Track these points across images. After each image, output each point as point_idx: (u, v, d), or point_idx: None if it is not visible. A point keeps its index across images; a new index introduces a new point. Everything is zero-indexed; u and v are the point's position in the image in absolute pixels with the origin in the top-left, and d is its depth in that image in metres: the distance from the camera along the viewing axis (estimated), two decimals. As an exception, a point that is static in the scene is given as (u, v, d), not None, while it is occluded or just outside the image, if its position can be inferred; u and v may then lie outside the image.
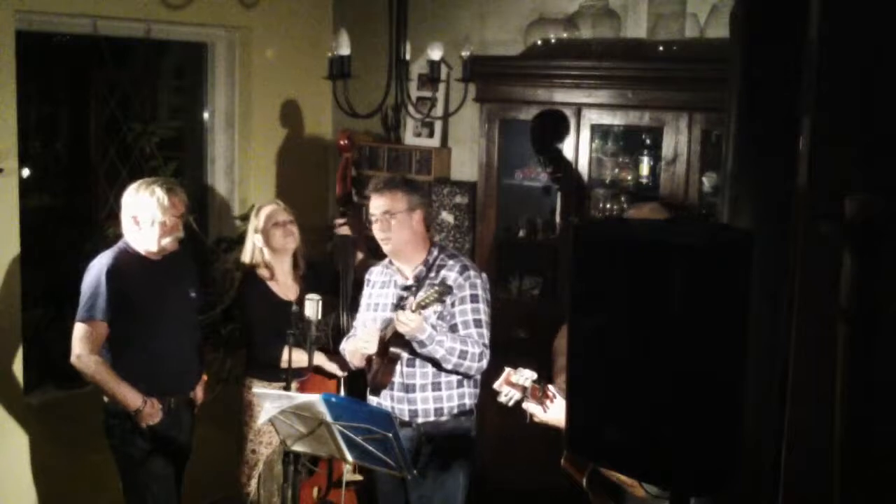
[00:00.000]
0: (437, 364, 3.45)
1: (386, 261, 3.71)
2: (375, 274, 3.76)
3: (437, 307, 3.42)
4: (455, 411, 3.54)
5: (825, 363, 1.79)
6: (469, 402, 3.58)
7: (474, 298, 3.52)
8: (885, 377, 1.72)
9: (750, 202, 2.05)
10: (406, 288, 3.59)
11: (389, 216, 3.53)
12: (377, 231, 3.58)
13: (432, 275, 3.55)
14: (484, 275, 3.65)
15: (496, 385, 3.10)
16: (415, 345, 3.40)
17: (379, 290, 3.70)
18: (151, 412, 3.60)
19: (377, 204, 3.58)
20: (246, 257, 4.05)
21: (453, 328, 3.49)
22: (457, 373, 3.49)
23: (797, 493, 1.94)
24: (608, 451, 1.90)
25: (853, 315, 1.73)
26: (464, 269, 3.55)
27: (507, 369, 3.10)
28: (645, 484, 2.39)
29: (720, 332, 1.71)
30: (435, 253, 3.62)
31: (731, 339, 1.72)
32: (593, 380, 1.88)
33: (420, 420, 3.52)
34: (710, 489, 1.81)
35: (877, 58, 1.82)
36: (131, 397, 3.56)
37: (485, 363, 3.48)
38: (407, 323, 3.33)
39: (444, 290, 3.31)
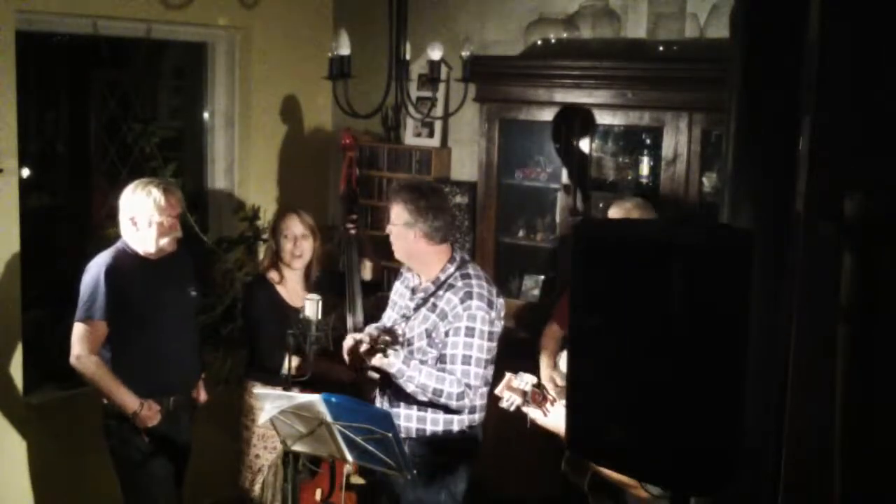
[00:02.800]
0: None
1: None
2: (407, 270, 3.65)
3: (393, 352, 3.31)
4: (440, 434, 3.42)
5: (825, 363, 1.79)
6: (457, 427, 3.42)
7: (469, 332, 3.30)
8: (885, 377, 1.72)
9: (750, 202, 2.05)
10: (412, 299, 3.52)
11: (390, 225, 3.44)
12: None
13: (439, 293, 3.39)
14: (500, 300, 3.44)
15: (497, 391, 3.10)
16: (389, 375, 3.33)
17: (403, 289, 3.61)
18: (149, 414, 3.60)
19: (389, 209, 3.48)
20: (264, 259, 4.06)
21: (442, 358, 3.35)
22: (436, 406, 3.37)
23: (797, 493, 1.94)
24: (608, 452, 1.90)
25: (853, 315, 1.73)
26: (467, 296, 3.31)
27: (508, 374, 3.10)
28: (646, 484, 2.39)
29: (720, 331, 1.71)
30: (450, 270, 3.41)
31: (731, 338, 1.72)
32: (593, 380, 1.88)
33: (403, 436, 3.36)
34: (710, 489, 1.81)
35: (877, 57, 1.82)
36: (128, 400, 3.56)
37: (466, 402, 3.32)
38: (366, 357, 3.30)
39: (390, 344, 3.24)
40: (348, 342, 3.49)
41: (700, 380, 1.73)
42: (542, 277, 4.76)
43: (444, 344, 3.34)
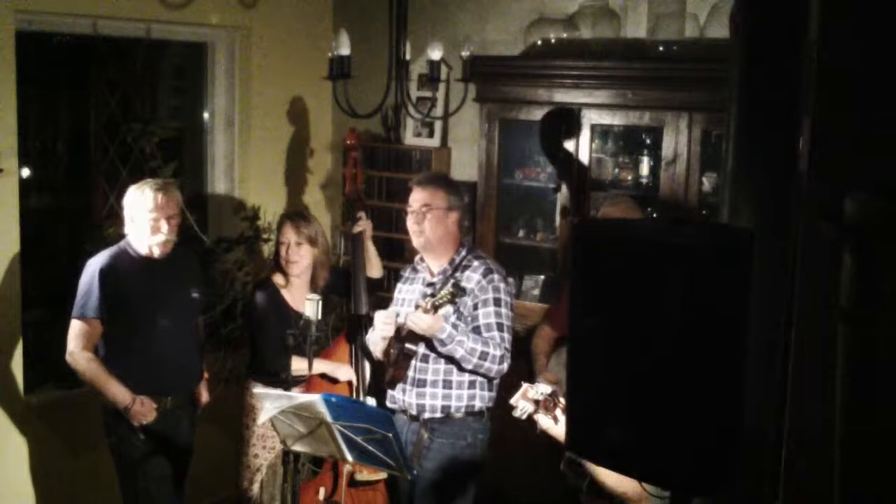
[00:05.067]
0: (457, 363, 3.47)
1: (417, 258, 3.75)
2: (409, 270, 3.82)
3: (451, 307, 3.43)
4: (462, 411, 3.54)
5: (825, 363, 1.79)
6: (479, 403, 3.57)
7: (497, 302, 3.53)
8: (885, 377, 1.72)
9: (750, 202, 2.05)
10: (430, 284, 3.62)
11: (427, 210, 3.56)
12: (411, 223, 3.61)
13: (457, 274, 3.57)
14: (510, 279, 3.68)
15: (512, 400, 3.10)
16: (435, 343, 3.43)
17: (409, 286, 3.75)
18: (142, 410, 3.60)
19: (417, 197, 3.61)
20: (270, 261, 4.07)
21: (476, 331, 3.50)
22: (476, 373, 3.51)
23: (797, 493, 1.94)
24: (608, 452, 1.90)
25: (853, 315, 1.73)
26: (488, 271, 3.56)
27: (525, 385, 3.10)
28: (645, 484, 2.39)
29: (720, 331, 1.71)
30: (463, 253, 3.65)
31: (730, 338, 1.72)
32: (593, 380, 1.88)
33: (427, 415, 3.54)
34: (710, 489, 1.81)
35: (877, 58, 1.81)
36: (121, 394, 3.57)
37: (505, 366, 3.50)
38: (418, 323, 3.37)
39: (457, 292, 3.34)
40: (390, 312, 3.59)
41: (700, 380, 1.73)
42: (542, 277, 4.76)
43: (473, 317, 3.52)
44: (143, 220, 3.62)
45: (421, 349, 3.51)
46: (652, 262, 1.77)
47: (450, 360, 3.48)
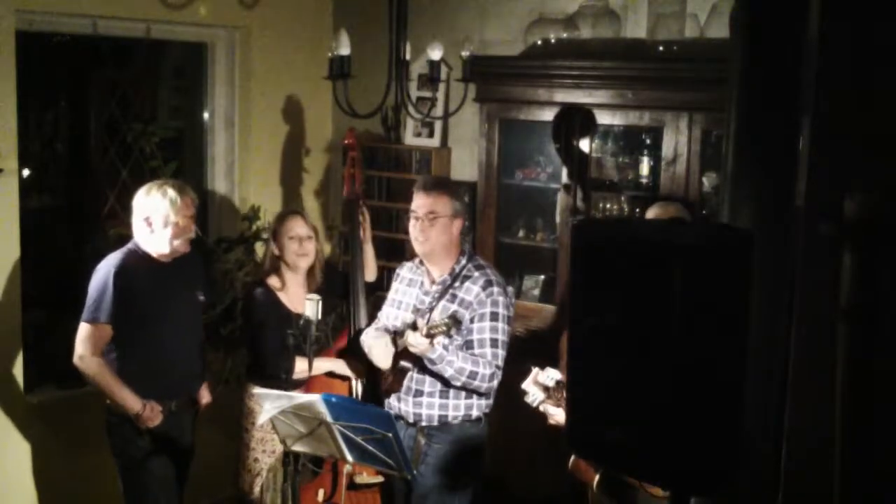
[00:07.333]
0: (445, 381, 3.44)
1: (417, 259, 3.70)
2: (405, 270, 3.76)
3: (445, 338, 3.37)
4: (459, 420, 3.53)
5: (825, 363, 1.79)
6: (476, 412, 3.55)
7: (494, 317, 3.47)
8: (885, 377, 1.72)
9: (750, 202, 2.05)
10: (427, 293, 3.58)
11: (433, 217, 3.50)
12: (415, 229, 3.54)
13: (457, 284, 3.52)
14: (510, 289, 3.62)
15: (524, 385, 3.09)
16: (425, 361, 3.39)
17: (406, 287, 3.70)
18: (151, 415, 3.60)
19: (422, 203, 3.53)
20: (264, 264, 4.04)
21: (469, 344, 3.46)
22: (465, 390, 3.48)
23: (797, 493, 1.94)
24: (608, 451, 1.90)
25: (853, 315, 1.73)
26: (487, 284, 3.49)
27: (535, 369, 3.08)
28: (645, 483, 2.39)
29: (720, 332, 1.71)
30: (463, 262, 3.58)
31: (731, 338, 1.72)
32: (593, 380, 1.88)
33: (424, 424, 3.52)
34: (710, 489, 1.81)
35: (877, 58, 1.82)
36: (131, 401, 3.57)
37: (495, 383, 3.46)
38: (416, 345, 3.33)
39: (453, 324, 3.28)
40: (388, 350, 3.53)
41: (700, 380, 1.73)
42: (542, 277, 4.76)
43: (469, 331, 3.46)
44: (168, 221, 3.60)
45: (415, 367, 3.50)
46: (652, 262, 1.77)
47: (439, 378, 3.45)
